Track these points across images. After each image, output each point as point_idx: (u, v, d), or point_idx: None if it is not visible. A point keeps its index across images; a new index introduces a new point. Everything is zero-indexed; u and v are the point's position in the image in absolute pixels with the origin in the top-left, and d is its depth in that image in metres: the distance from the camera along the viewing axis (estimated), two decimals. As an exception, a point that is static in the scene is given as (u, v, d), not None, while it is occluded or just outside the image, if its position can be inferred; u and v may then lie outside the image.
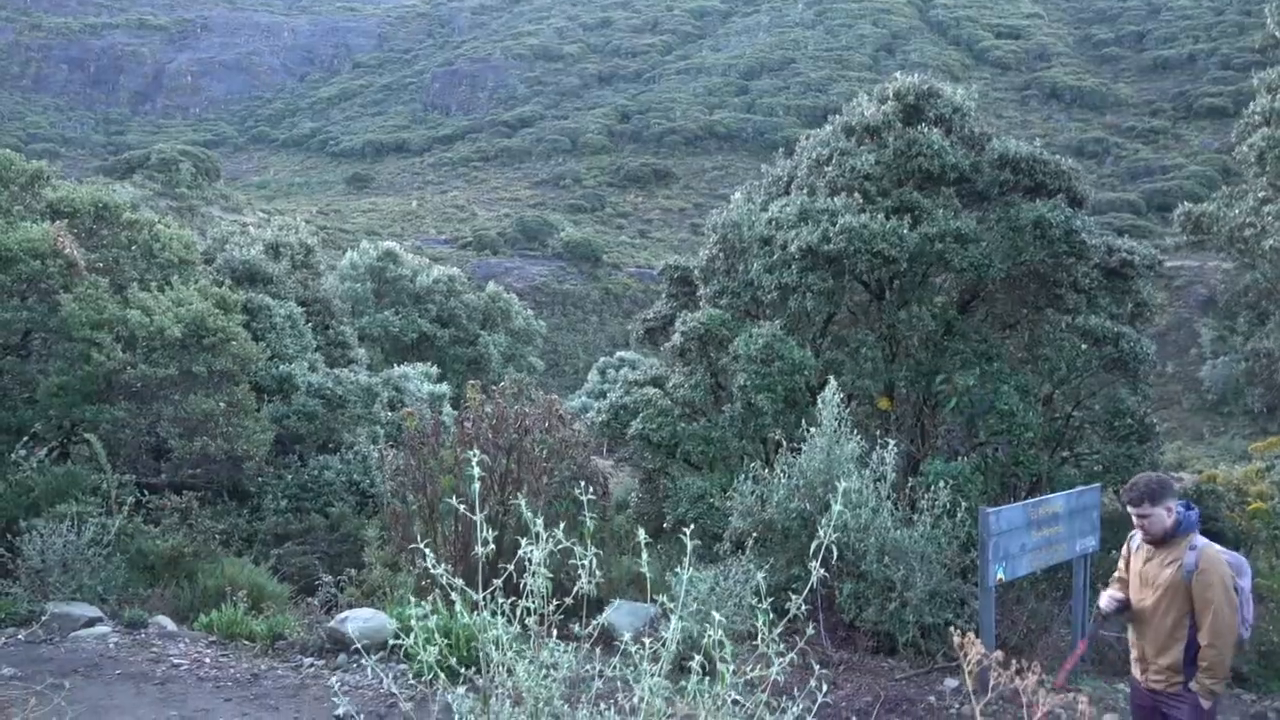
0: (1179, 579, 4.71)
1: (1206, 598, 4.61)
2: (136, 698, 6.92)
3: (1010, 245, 10.89)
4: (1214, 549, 4.77)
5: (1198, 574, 4.65)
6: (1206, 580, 4.62)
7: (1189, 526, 4.79)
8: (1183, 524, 4.78)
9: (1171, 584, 4.74)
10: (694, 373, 11.73)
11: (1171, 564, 4.75)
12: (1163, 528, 4.77)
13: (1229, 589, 4.63)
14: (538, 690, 2.90)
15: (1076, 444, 11.49)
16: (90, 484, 9.86)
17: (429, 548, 3.09)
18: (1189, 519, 4.81)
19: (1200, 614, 4.65)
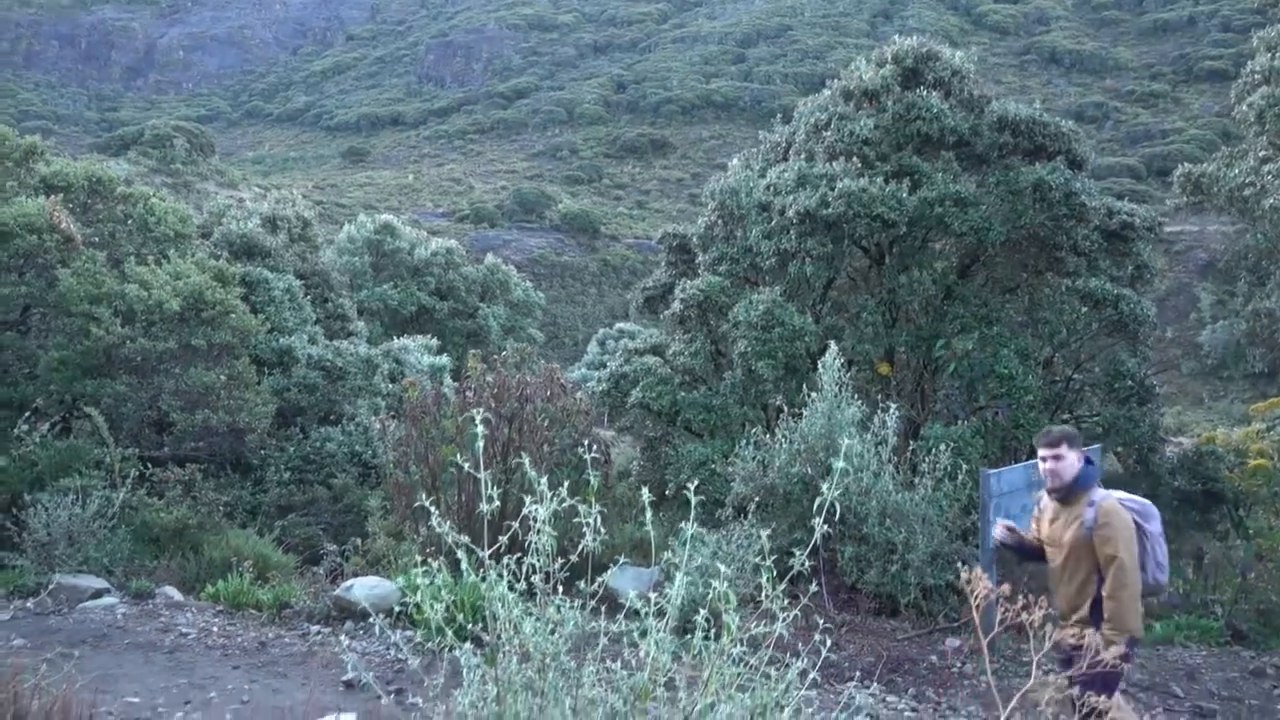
0: (1081, 536, 4.76)
1: (1107, 552, 4.64)
2: (146, 666, 6.98)
3: (1010, 209, 10.86)
4: (1113, 501, 4.77)
5: (1098, 529, 4.68)
6: (1105, 535, 4.64)
7: (1088, 481, 4.82)
8: (1082, 478, 4.81)
9: (1075, 542, 4.78)
10: (694, 340, 11.73)
11: (1074, 522, 4.80)
12: (1063, 478, 4.81)
13: (1131, 541, 4.65)
14: (545, 646, 2.93)
15: (1076, 407, 11.51)
16: (93, 458, 9.89)
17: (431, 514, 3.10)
18: (1089, 473, 4.83)
19: (1105, 568, 4.67)
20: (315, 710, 5.95)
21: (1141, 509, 4.84)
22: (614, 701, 2.97)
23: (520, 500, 3.09)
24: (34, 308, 11.17)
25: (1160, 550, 4.83)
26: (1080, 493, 4.80)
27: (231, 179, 66.01)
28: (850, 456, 7.95)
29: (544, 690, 2.90)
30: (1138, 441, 10.61)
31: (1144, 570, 4.74)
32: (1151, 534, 4.80)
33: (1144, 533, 4.75)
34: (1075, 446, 4.85)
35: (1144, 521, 4.78)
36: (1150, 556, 4.76)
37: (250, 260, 14.79)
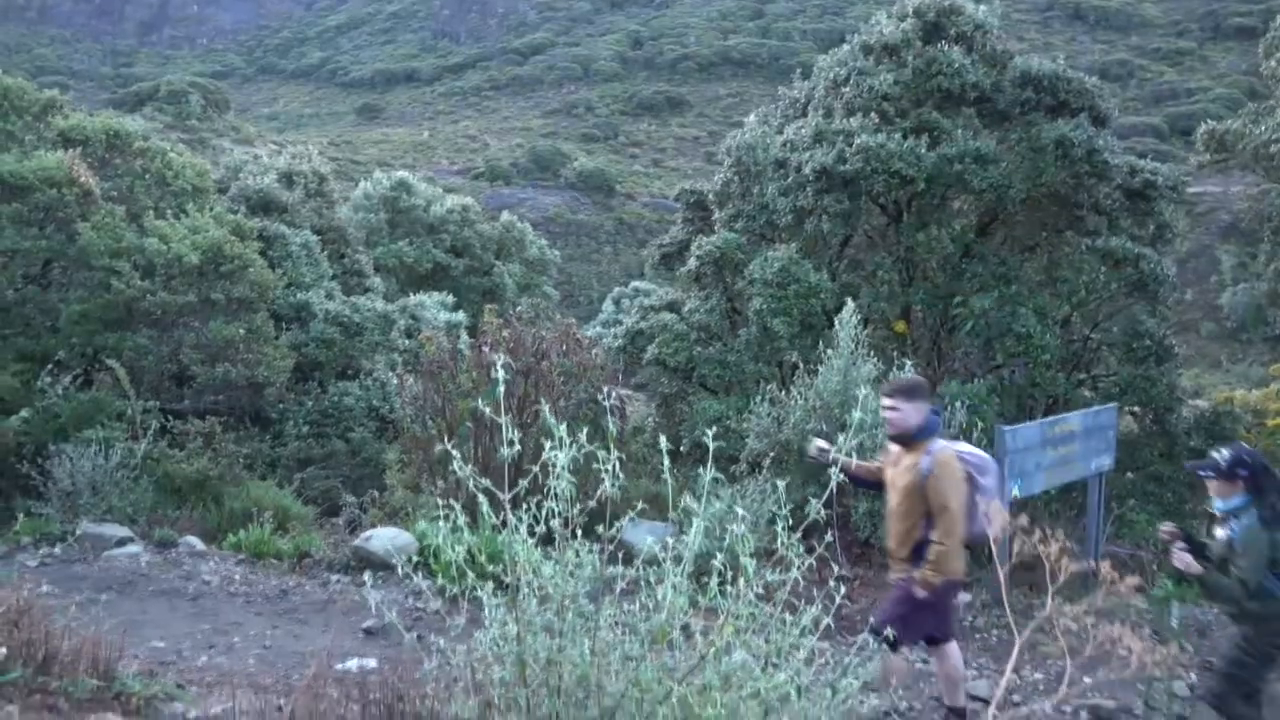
0: (916, 482, 4.88)
1: (939, 501, 4.80)
2: (170, 612, 7.12)
3: (1031, 166, 10.76)
4: (948, 453, 4.90)
5: (931, 478, 4.82)
6: (938, 485, 4.80)
7: (928, 431, 4.93)
8: (924, 428, 4.93)
9: (909, 487, 4.92)
10: (709, 297, 11.73)
11: (911, 468, 4.92)
12: (905, 426, 4.94)
13: (961, 491, 4.81)
14: (564, 588, 2.98)
15: (1094, 366, 11.49)
16: (115, 410, 10.00)
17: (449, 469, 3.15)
18: (930, 424, 4.95)
19: (936, 515, 4.83)
20: (337, 655, 6.09)
21: (979, 463, 5.02)
22: (631, 644, 3.03)
23: (538, 453, 3.13)
24: (55, 261, 11.25)
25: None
26: (920, 442, 4.93)
27: (247, 135, 65.88)
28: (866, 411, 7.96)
29: (563, 631, 2.96)
30: (1154, 401, 10.59)
31: (973, 520, 4.91)
32: (984, 487, 4.96)
33: (976, 485, 4.91)
34: (916, 399, 5.00)
35: (978, 475, 4.95)
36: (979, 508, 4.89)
37: (267, 215, 14.82)
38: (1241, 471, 4.89)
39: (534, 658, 2.96)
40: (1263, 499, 4.85)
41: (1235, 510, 4.89)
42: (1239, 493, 4.87)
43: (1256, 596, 4.75)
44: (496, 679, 2.93)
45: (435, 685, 3.13)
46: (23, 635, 4.17)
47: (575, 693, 2.95)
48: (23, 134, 11.59)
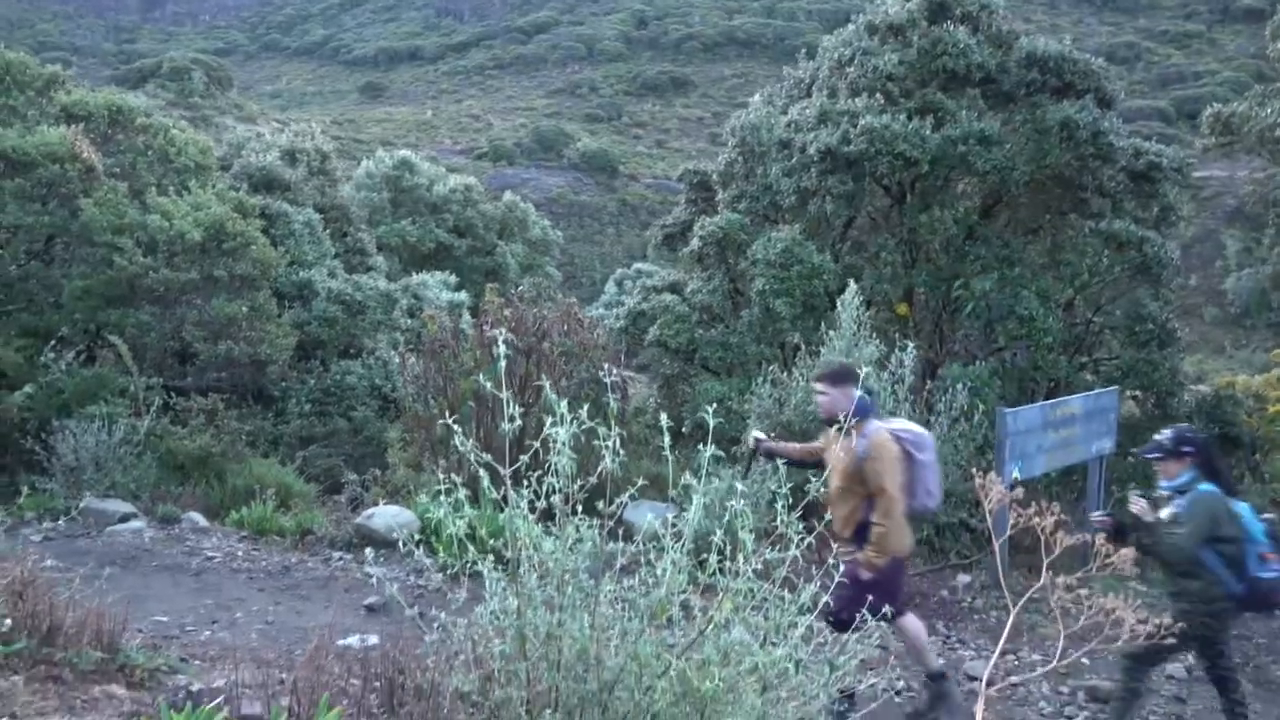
0: (853, 464, 4.95)
1: (877, 484, 4.89)
2: (174, 587, 7.17)
3: (1035, 148, 10.71)
4: (883, 434, 4.97)
5: (867, 460, 4.90)
6: (874, 467, 4.88)
7: (861, 413, 4.95)
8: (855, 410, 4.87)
9: (847, 469, 4.98)
10: (712, 278, 11.72)
11: (847, 451, 4.98)
12: (835, 410, 4.98)
13: (896, 472, 4.88)
14: (564, 563, 3.00)
15: (1096, 349, 11.48)
16: (118, 386, 10.03)
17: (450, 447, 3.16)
18: (862, 406, 4.95)
19: (875, 496, 4.92)
20: (338, 632, 6.13)
21: (915, 439, 5.08)
22: (631, 619, 3.05)
23: (539, 431, 3.14)
24: (57, 237, 11.25)
25: (931, 478, 5.08)
26: (856, 424, 4.96)
27: (250, 113, 65.60)
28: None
29: (563, 606, 2.98)
30: (1156, 385, 10.59)
31: (914, 496, 5.02)
32: (923, 463, 5.04)
33: (915, 461, 4.99)
34: (843, 383, 5.06)
35: (916, 451, 5.03)
36: (920, 484, 5.02)
37: (270, 193, 14.80)
38: (1187, 449, 5.06)
39: (534, 632, 2.98)
40: (1209, 473, 4.99)
41: (1181, 487, 5.02)
42: (1185, 470, 5.04)
43: (1195, 574, 4.88)
44: (496, 652, 2.95)
45: (436, 659, 3.15)
46: (27, 607, 4.20)
47: (575, 667, 2.98)
48: (25, 109, 11.57)
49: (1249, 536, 4.86)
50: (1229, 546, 4.83)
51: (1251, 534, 4.86)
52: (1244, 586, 4.83)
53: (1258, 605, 4.92)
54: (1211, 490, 4.93)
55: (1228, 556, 4.84)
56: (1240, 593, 4.83)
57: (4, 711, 3.38)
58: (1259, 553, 4.85)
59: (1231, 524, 4.85)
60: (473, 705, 3.06)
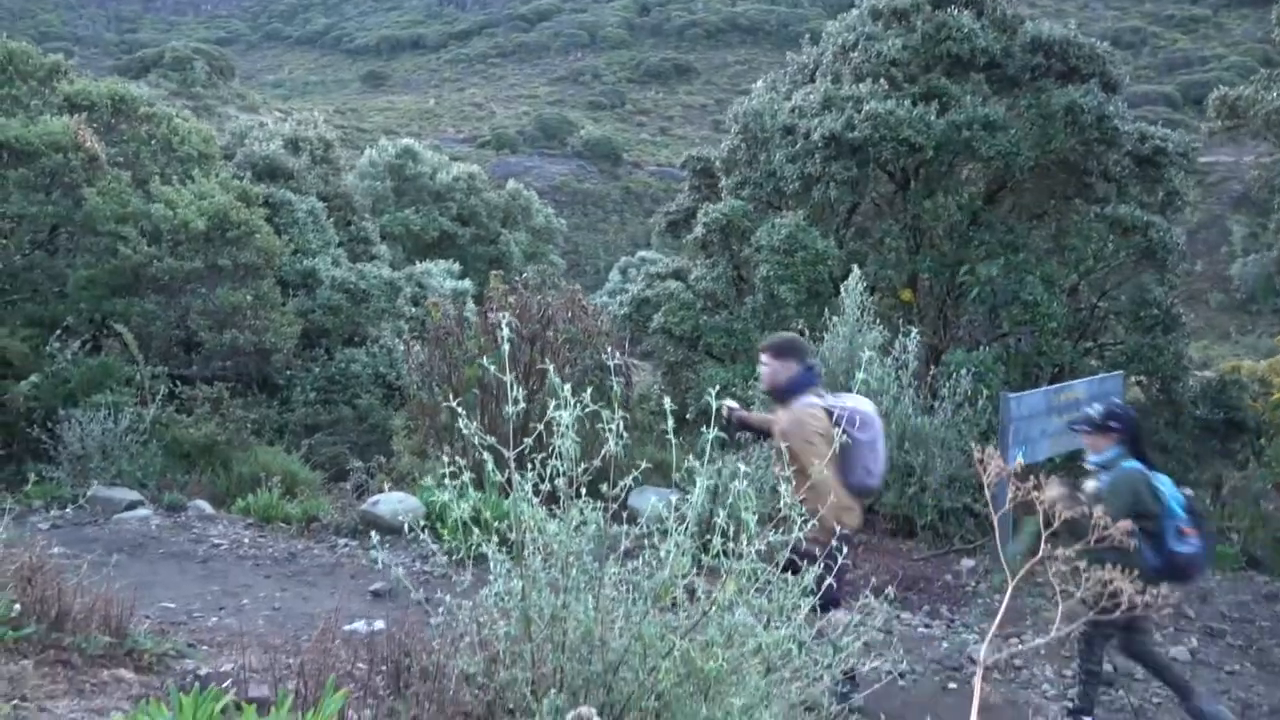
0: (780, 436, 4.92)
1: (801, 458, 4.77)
2: (180, 574, 7.20)
3: (1040, 133, 10.68)
4: (807, 410, 4.89)
5: (790, 434, 4.85)
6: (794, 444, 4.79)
7: (797, 387, 4.96)
8: (792, 385, 4.97)
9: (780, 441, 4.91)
10: (716, 265, 11.71)
11: (778, 423, 5.02)
12: (774, 382, 5.02)
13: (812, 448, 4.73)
14: (569, 545, 3.01)
15: (1100, 334, 11.46)
16: (124, 375, 10.06)
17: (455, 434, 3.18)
18: (800, 380, 4.96)
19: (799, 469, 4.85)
20: (344, 617, 6.15)
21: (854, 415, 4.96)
22: (635, 600, 3.07)
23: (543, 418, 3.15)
24: (61, 227, 11.26)
25: (870, 457, 4.96)
26: (790, 397, 4.97)
27: (252, 103, 65.51)
28: (870, 370, 7.98)
29: (567, 588, 2.99)
30: (1161, 370, 10.58)
31: (850, 473, 4.90)
32: (861, 441, 4.91)
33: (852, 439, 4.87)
34: (786, 357, 5.02)
35: (855, 430, 4.88)
36: (858, 461, 4.90)
37: (273, 182, 14.79)
38: (1114, 424, 5.14)
39: (539, 614, 3.00)
40: (1134, 449, 5.06)
41: (1107, 462, 5.10)
42: (1112, 445, 5.12)
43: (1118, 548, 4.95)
44: (502, 634, 2.97)
45: (441, 641, 3.17)
46: (36, 592, 4.23)
47: (580, 648, 2.99)
48: (28, 99, 11.57)
49: (1169, 512, 4.92)
50: (1149, 522, 4.87)
51: (1171, 510, 4.92)
52: (1162, 560, 4.88)
53: (1175, 578, 4.94)
54: (1135, 467, 5.00)
55: (1148, 531, 4.88)
56: (1159, 566, 4.87)
57: (14, 694, 3.40)
58: (1178, 527, 4.90)
59: (1153, 500, 4.90)
60: (478, 687, 3.07)
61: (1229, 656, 6.76)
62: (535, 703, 2.90)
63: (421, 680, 2.89)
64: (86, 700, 3.62)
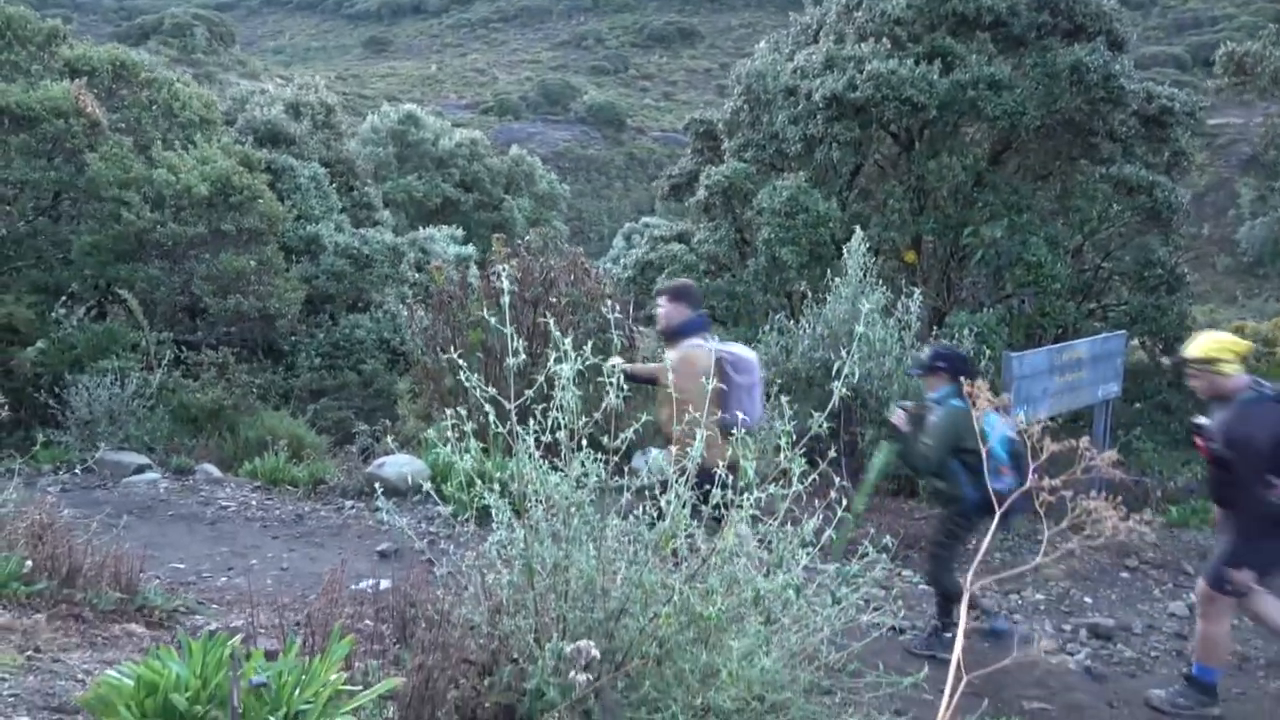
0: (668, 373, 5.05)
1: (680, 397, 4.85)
2: (189, 535, 7.28)
3: (1046, 92, 10.60)
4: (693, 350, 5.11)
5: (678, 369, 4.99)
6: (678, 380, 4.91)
7: (686, 330, 5.24)
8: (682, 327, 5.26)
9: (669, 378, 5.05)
10: (718, 228, 11.70)
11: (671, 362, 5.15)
12: (667, 324, 5.32)
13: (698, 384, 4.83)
14: (571, 496, 3.05)
15: (1104, 295, 11.45)
16: (129, 341, 10.11)
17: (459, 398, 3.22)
18: (689, 324, 5.25)
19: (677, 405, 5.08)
20: (351, 577, 6.23)
21: (734, 359, 5.23)
22: (637, 551, 3.11)
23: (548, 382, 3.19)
24: (64, 193, 11.25)
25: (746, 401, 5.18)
26: (680, 338, 5.24)
27: (253, 70, 65.04)
28: (870, 324, 8.00)
29: (569, 538, 3.04)
30: (1164, 330, 10.58)
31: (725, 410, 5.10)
32: (738, 384, 5.17)
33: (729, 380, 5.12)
34: (678, 301, 5.34)
35: (734, 372, 5.16)
36: (734, 402, 5.11)
37: (275, 148, 14.75)
38: (941, 365, 5.48)
39: (541, 564, 3.04)
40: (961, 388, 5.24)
41: (939, 400, 5.42)
42: (943, 384, 5.45)
43: (942, 476, 5.36)
44: (505, 582, 3.01)
45: (445, 589, 3.22)
46: (46, 550, 4.30)
47: (582, 597, 3.04)
48: (28, 64, 11.52)
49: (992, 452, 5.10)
50: (971, 457, 5.13)
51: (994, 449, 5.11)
52: (979, 494, 5.17)
53: (991, 513, 5.13)
54: (960, 405, 5.25)
55: (969, 466, 5.19)
56: (976, 500, 5.20)
57: (28, 646, 3.47)
58: (997, 466, 5.08)
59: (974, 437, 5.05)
60: (483, 636, 3.13)
61: (1227, 612, 6.81)
62: (539, 650, 2.96)
63: (426, 629, 2.94)
64: (99, 652, 3.69)
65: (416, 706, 2.78)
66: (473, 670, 2.93)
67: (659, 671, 2.95)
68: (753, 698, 3.03)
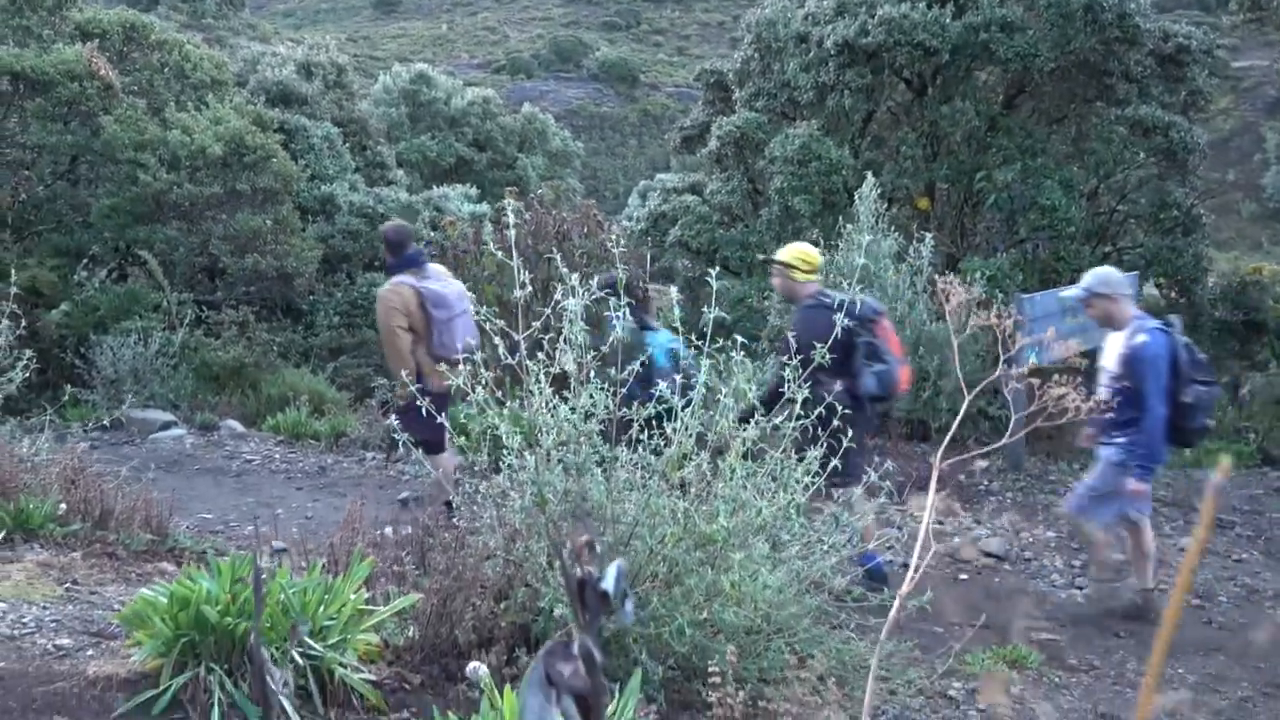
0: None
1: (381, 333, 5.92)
2: (216, 487, 7.47)
3: (1059, 33, 10.46)
4: (386, 288, 5.89)
5: (378, 306, 5.92)
6: (377, 316, 5.93)
7: (392, 269, 5.94)
8: (389, 268, 5.98)
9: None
10: (731, 178, 11.68)
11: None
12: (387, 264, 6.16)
13: (391, 319, 5.79)
14: (580, 426, 3.15)
15: (1119, 238, 11.38)
16: (151, 301, 10.26)
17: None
18: (392, 264, 5.95)
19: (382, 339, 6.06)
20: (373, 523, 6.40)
21: (435, 296, 5.87)
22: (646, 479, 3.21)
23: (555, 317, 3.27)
24: (81, 157, 11.37)
25: (448, 331, 5.88)
26: (388, 276, 6.02)
27: (264, 33, 64.64)
28: (884, 289, 8.04)
29: (579, 466, 3.14)
30: (1180, 272, 10.52)
31: (431, 341, 5.88)
32: (438, 318, 5.86)
33: (430, 315, 5.83)
34: (388, 246, 6.12)
35: (433, 308, 5.86)
36: (437, 333, 5.87)
37: (287, 108, 14.78)
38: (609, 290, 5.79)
39: (553, 492, 3.15)
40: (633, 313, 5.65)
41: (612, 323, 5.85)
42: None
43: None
44: (517, 507, 3.12)
45: (460, 515, 3.34)
46: (80, 494, 4.46)
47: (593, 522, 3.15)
48: (39, 29, 11.58)
49: (654, 364, 5.49)
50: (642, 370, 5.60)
51: (656, 361, 5.53)
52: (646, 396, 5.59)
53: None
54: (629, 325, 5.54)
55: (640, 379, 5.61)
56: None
57: (66, 579, 3.63)
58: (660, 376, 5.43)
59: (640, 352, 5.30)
60: (499, 563, 3.25)
61: (1238, 546, 6.90)
62: (552, 573, 3.07)
63: (443, 553, 3.06)
64: (132, 587, 3.84)
65: (435, 625, 2.91)
66: (488, 593, 3.06)
67: (668, 593, 3.06)
68: (759, 617, 3.14)
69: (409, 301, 5.81)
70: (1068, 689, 4.55)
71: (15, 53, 10.54)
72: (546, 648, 0.88)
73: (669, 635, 2.90)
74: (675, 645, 2.90)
